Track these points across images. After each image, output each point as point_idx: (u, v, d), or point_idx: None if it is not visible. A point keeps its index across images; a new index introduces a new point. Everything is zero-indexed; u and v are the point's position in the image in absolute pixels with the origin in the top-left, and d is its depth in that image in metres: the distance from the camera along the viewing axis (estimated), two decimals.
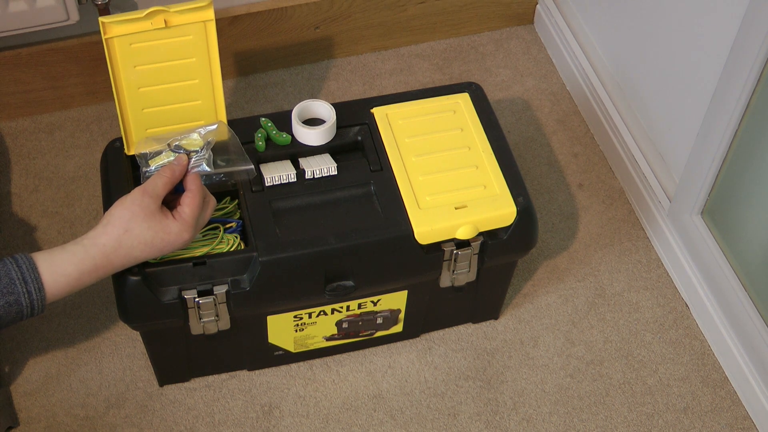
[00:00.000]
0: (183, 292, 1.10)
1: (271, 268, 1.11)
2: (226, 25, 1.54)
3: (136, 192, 1.06)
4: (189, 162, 1.11)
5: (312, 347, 1.28)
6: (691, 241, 1.35)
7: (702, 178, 1.29)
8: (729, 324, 1.31)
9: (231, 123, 1.21)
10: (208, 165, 1.11)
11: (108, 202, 1.16)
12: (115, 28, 1.08)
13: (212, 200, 1.11)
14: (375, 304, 1.22)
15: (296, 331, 1.23)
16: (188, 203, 1.07)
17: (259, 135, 1.20)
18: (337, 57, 1.68)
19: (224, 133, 1.15)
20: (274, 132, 1.20)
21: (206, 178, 1.12)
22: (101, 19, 1.07)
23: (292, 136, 1.21)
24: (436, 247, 1.16)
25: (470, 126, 1.24)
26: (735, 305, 1.28)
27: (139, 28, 1.09)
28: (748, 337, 1.26)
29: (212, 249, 1.13)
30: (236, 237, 1.15)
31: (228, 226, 1.15)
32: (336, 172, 1.19)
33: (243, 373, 1.30)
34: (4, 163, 1.50)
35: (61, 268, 1.03)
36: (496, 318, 1.36)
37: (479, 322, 1.36)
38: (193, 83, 1.15)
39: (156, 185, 1.07)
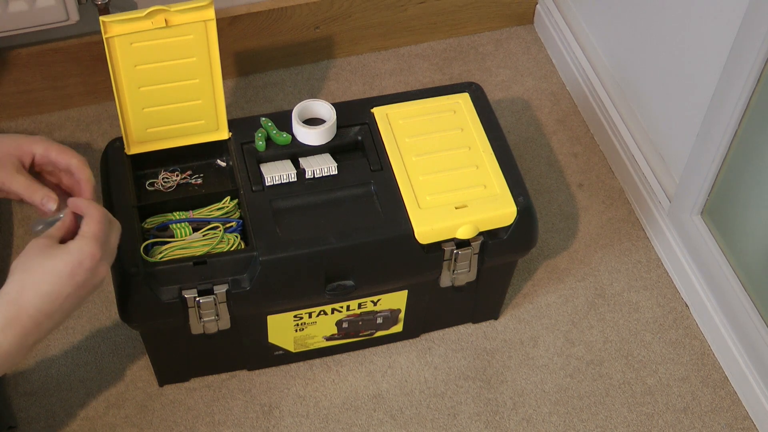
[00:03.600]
0: (183, 292, 1.10)
1: (271, 268, 1.11)
2: (226, 25, 1.54)
3: (30, 242, 0.98)
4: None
5: (312, 347, 1.28)
6: (691, 241, 1.35)
7: (702, 178, 1.29)
8: (729, 324, 1.31)
9: (231, 123, 1.21)
10: None
11: (108, 202, 1.16)
12: (115, 27, 1.08)
13: (117, 222, 1.02)
14: (375, 303, 1.22)
15: (296, 330, 1.23)
16: (87, 222, 0.98)
17: (259, 135, 1.20)
18: (337, 57, 1.68)
19: None
20: (275, 132, 1.20)
21: None
22: (102, 18, 1.07)
23: (293, 135, 1.21)
24: (437, 247, 1.16)
25: (470, 126, 1.24)
26: (735, 305, 1.28)
27: (139, 27, 1.09)
28: (748, 337, 1.26)
29: (212, 248, 1.13)
30: (236, 237, 1.15)
31: (228, 225, 1.15)
32: (336, 172, 1.19)
33: (243, 373, 1.30)
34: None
35: None
36: (496, 318, 1.36)
37: (479, 322, 1.36)
38: (193, 83, 1.15)
39: (50, 229, 0.99)
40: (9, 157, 1.04)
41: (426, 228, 1.14)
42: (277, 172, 1.17)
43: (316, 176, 1.18)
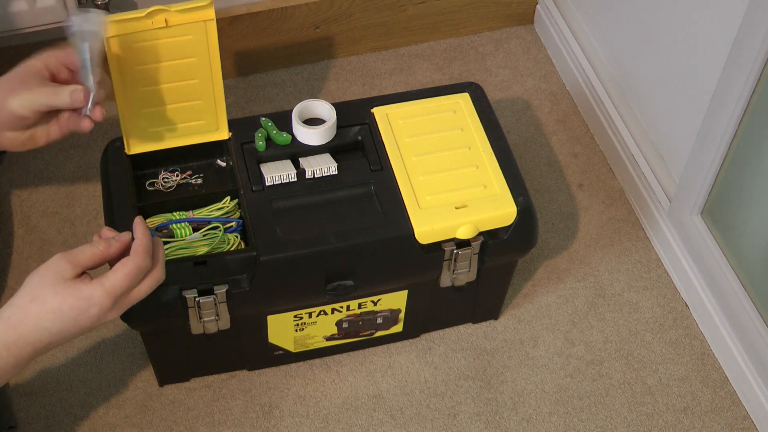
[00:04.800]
0: (183, 292, 1.10)
1: (271, 268, 1.11)
2: (226, 25, 1.54)
3: (56, 255, 0.94)
4: (144, 241, 0.96)
5: (312, 347, 1.28)
6: (691, 241, 1.35)
7: (702, 178, 1.29)
8: (729, 324, 1.31)
9: (231, 123, 1.21)
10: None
11: (108, 202, 1.16)
12: (115, 27, 1.08)
13: (156, 274, 0.97)
14: (375, 303, 1.22)
15: (296, 330, 1.23)
16: (119, 268, 0.94)
17: (260, 135, 1.20)
18: (337, 57, 1.68)
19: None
20: (275, 132, 1.20)
21: None
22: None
23: (293, 135, 1.21)
24: (437, 247, 1.16)
25: (470, 126, 1.24)
26: (735, 305, 1.28)
27: (139, 27, 1.09)
28: (748, 337, 1.26)
29: (212, 249, 1.13)
30: (236, 237, 1.15)
31: (228, 225, 1.15)
32: (336, 172, 1.19)
33: (243, 373, 1.30)
34: (4, 163, 1.50)
35: None
36: (496, 318, 1.36)
37: (479, 322, 1.36)
38: (193, 83, 1.15)
39: (81, 253, 0.94)
40: (29, 76, 1.04)
41: (426, 228, 1.14)
42: (277, 172, 1.17)
43: (316, 176, 1.18)
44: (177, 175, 1.21)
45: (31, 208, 1.45)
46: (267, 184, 1.17)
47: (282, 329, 1.22)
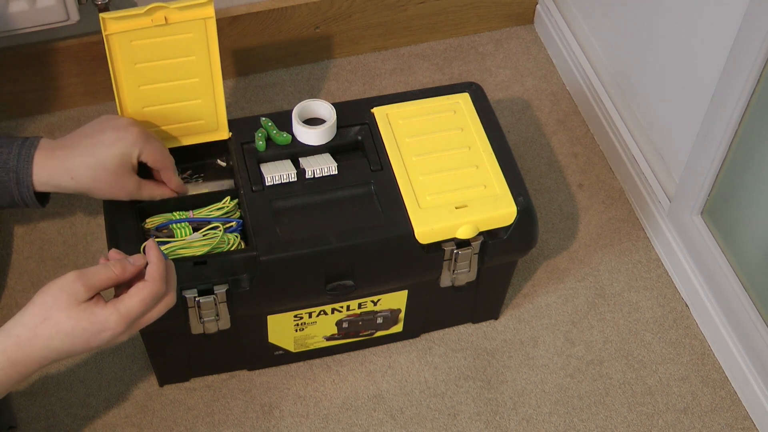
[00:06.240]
0: (183, 292, 1.10)
1: (271, 268, 1.11)
2: (226, 25, 1.54)
3: (69, 275, 0.93)
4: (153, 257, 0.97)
5: (312, 347, 1.28)
6: (691, 241, 1.35)
7: (702, 178, 1.29)
8: (729, 324, 1.31)
9: (231, 123, 1.21)
10: None
11: (108, 201, 1.16)
12: (115, 24, 1.08)
13: (169, 299, 0.98)
14: (375, 303, 1.22)
15: (296, 330, 1.23)
16: (135, 294, 0.94)
17: (259, 135, 1.20)
18: (337, 57, 1.68)
19: None
20: (275, 132, 1.20)
21: None
22: (101, 15, 1.07)
23: (293, 135, 1.21)
24: (437, 247, 1.16)
25: (470, 126, 1.24)
26: (735, 305, 1.28)
27: (139, 24, 1.09)
28: (748, 337, 1.26)
29: (212, 249, 1.13)
30: (236, 236, 1.15)
31: (228, 225, 1.15)
32: (336, 172, 1.19)
33: (243, 373, 1.30)
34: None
35: None
36: (496, 318, 1.36)
37: (479, 322, 1.36)
38: (193, 81, 1.15)
39: (96, 275, 0.94)
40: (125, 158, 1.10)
41: (426, 228, 1.14)
42: (277, 172, 1.17)
43: (316, 176, 1.18)
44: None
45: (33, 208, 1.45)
46: (267, 184, 1.17)
47: (282, 329, 1.22)
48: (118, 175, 1.09)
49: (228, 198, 1.18)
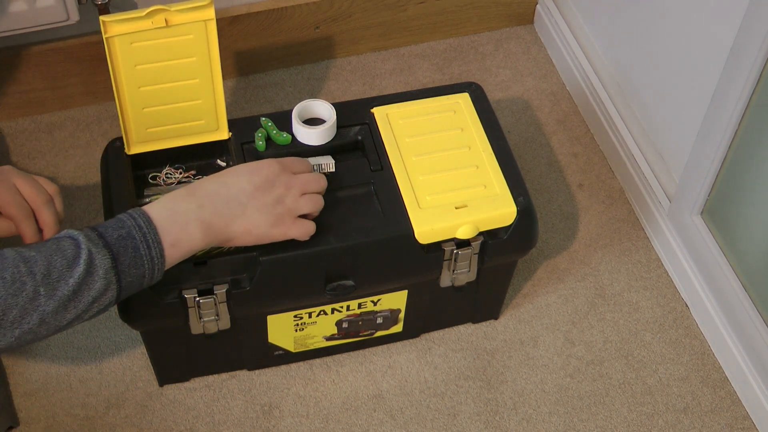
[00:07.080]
0: (183, 292, 1.10)
1: (271, 268, 1.11)
2: (226, 25, 1.54)
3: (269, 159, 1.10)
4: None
5: (312, 347, 1.28)
6: (691, 241, 1.36)
7: (702, 178, 1.29)
8: (729, 324, 1.31)
9: (231, 123, 1.21)
10: None
11: (108, 202, 1.16)
12: (115, 26, 1.08)
13: (310, 224, 1.11)
14: (375, 303, 1.22)
15: (296, 330, 1.23)
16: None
17: (260, 135, 1.20)
18: (337, 57, 1.68)
19: None
20: (275, 132, 1.20)
21: None
22: (102, 17, 1.07)
23: (293, 135, 1.21)
24: (437, 247, 1.16)
25: (470, 126, 1.24)
26: (735, 305, 1.28)
27: (139, 27, 1.09)
28: (748, 337, 1.26)
29: (212, 249, 1.13)
30: None
31: None
32: (336, 171, 1.19)
33: (243, 373, 1.30)
34: (4, 163, 1.49)
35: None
36: (496, 318, 1.36)
37: (479, 322, 1.36)
38: (193, 83, 1.15)
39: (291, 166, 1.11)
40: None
41: (426, 228, 1.14)
42: None
43: None
44: (180, 173, 1.21)
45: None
46: None
47: (282, 329, 1.22)
48: None
49: None
